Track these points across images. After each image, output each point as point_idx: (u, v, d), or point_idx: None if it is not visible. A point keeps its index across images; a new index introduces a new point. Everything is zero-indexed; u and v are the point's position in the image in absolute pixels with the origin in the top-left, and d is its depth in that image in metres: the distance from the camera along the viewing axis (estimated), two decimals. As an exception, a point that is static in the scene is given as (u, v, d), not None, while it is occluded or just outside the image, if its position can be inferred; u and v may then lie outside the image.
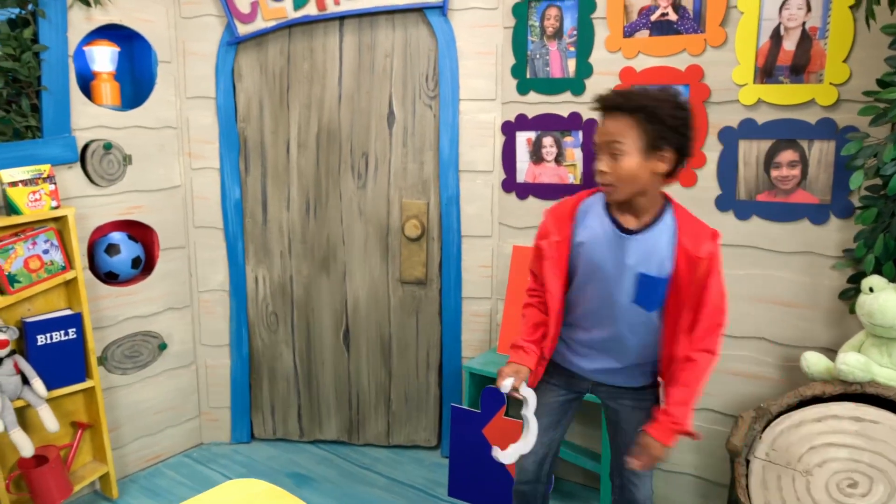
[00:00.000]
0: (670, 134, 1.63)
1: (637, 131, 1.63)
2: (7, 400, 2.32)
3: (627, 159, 1.64)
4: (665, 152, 1.64)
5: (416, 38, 2.81)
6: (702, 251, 1.66)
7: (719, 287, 1.70)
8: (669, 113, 1.63)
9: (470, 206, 2.88)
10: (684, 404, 1.69)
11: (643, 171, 1.65)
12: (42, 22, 2.42)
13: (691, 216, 1.74)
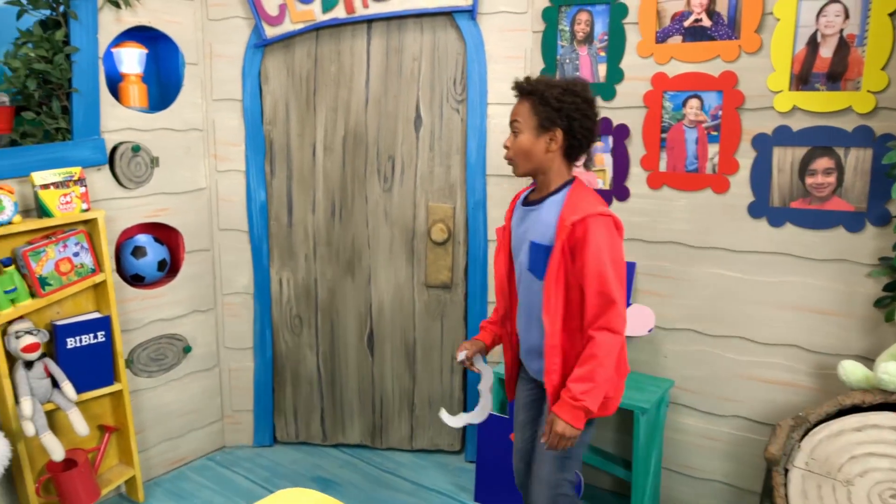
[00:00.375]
0: (556, 115, 1.81)
1: (531, 112, 1.84)
2: (38, 403, 2.31)
3: (522, 137, 1.86)
4: (555, 132, 1.83)
5: (445, 42, 2.80)
6: (570, 220, 1.76)
7: (596, 263, 1.73)
8: (556, 96, 1.80)
9: (497, 209, 2.87)
10: (582, 380, 1.74)
11: (536, 147, 1.84)
12: (73, 24, 2.41)
13: (586, 195, 1.84)
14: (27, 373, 2.30)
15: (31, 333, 2.30)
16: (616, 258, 1.77)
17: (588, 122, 1.85)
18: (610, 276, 1.73)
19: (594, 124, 1.88)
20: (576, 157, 1.90)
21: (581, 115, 1.83)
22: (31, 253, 2.28)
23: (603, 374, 1.75)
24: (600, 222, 1.76)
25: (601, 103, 2.63)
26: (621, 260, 1.79)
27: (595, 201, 1.83)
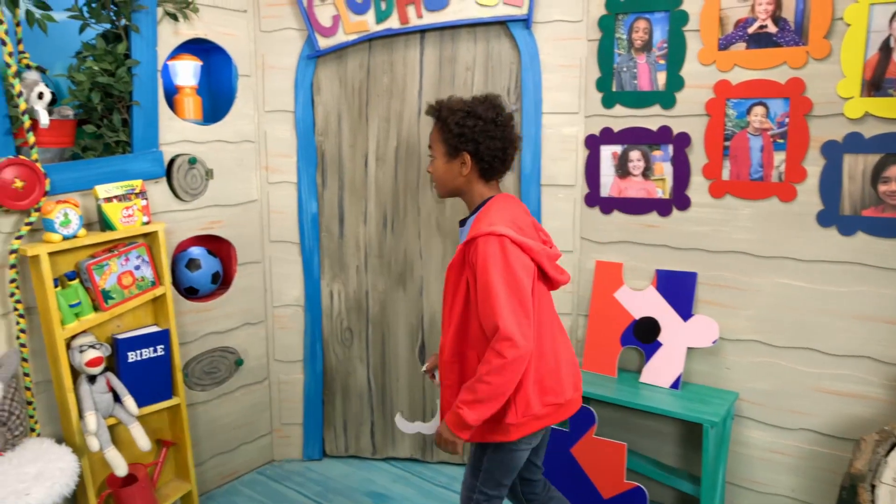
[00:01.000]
0: (459, 141, 1.83)
1: (439, 138, 1.89)
2: (101, 418, 2.29)
3: (437, 162, 1.92)
4: (463, 156, 1.85)
5: (498, 52, 2.79)
6: (464, 240, 1.78)
7: (484, 285, 1.69)
8: (456, 122, 1.83)
9: (551, 220, 2.84)
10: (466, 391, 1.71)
11: (450, 172, 1.89)
12: (134, 37, 2.41)
13: (487, 215, 1.80)
14: (91, 387, 2.29)
15: (95, 347, 2.28)
16: (510, 280, 1.68)
17: (494, 143, 1.84)
18: (497, 299, 1.66)
19: (504, 143, 1.86)
20: (493, 176, 1.90)
21: (486, 137, 1.82)
22: (94, 266, 2.26)
23: (485, 391, 1.67)
24: (490, 242, 1.70)
25: (659, 111, 2.60)
26: (518, 281, 1.69)
27: (493, 220, 1.75)
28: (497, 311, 1.65)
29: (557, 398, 1.85)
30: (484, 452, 1.89)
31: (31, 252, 2.11)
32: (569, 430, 2.59)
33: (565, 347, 1.94)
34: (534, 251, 1.78)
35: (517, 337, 1.64)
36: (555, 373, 1.85)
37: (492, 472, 1.90)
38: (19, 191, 2.10)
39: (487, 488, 1.92)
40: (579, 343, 2.89)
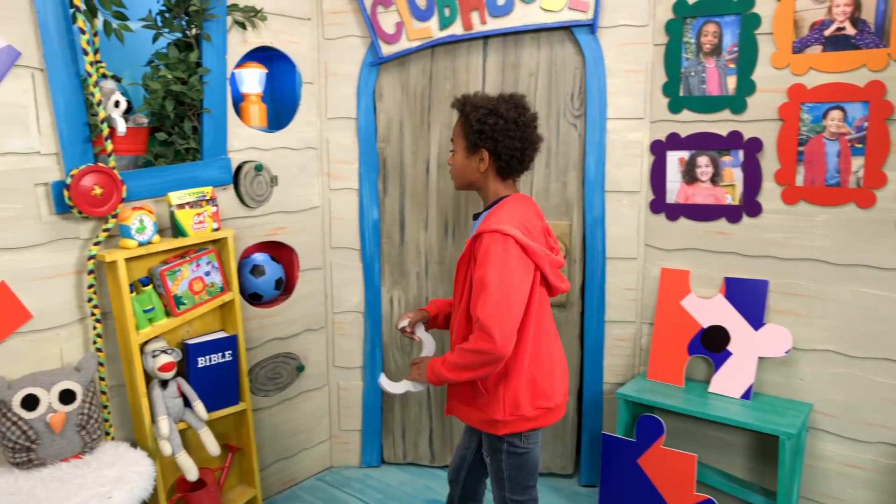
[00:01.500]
0: (479, 138, 1.86)
1: (461, 133, 1.92)
2: (173, 423, 2.31)
3: (457, 156, 1.96)
4: (482, 153, 1.89)
5: (562, 57, 2.76)
6: (473, 235, 1.83)
7: (479, 280, 1.75)
8: (478, 118, 1.85)
9: (615, 227, 2.81)
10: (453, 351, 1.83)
11: (469, 167, 1.93)
12: (205, 45, 2.44)
13: (499, 212, 1.85)
14: (163, 392, 2.31)
15: (167, 353, 2.30)
16: (506, 280, 1.73)
17: (513, 143, 1.86)
18: (487, 294, 1.71)
19: (523, 144, 1.88)
20: (510, 175, 1.94)
21: (505, 136, 1.85)
22: (167, 272, 2.29)
23: (453, 359, 1.80)
24: (495, 240, 1.75)
25: (729, 116, 2.56)
26: (512, 283, 1.74)
27: (503, 219, 1.80)
28: (484, 306, 1.70)
29: (548, 402, 1.92)
30: (500, 461, 1.95)
31: (109, 258, 2.14)
32: (635, 441, 2.55)
33: (559, 353, 2.00)
34: (537, 255, 1.81)
35: (496, 334, 1.69)
36: (548, 376, 1.91)
37: (514, 477, 1.97)
38: (98, 198, 2.13)
39: (516, 495, 1.98)
40: (643, 352, 2.84)
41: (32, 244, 2.07)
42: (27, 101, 2.02)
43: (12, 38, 1.97)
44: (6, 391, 1.96)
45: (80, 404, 2.06)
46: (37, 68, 2.03)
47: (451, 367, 1.81)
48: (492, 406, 1.86)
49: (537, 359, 1.88)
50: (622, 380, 2.90)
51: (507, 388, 1.85)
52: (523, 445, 1.93)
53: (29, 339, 2.10)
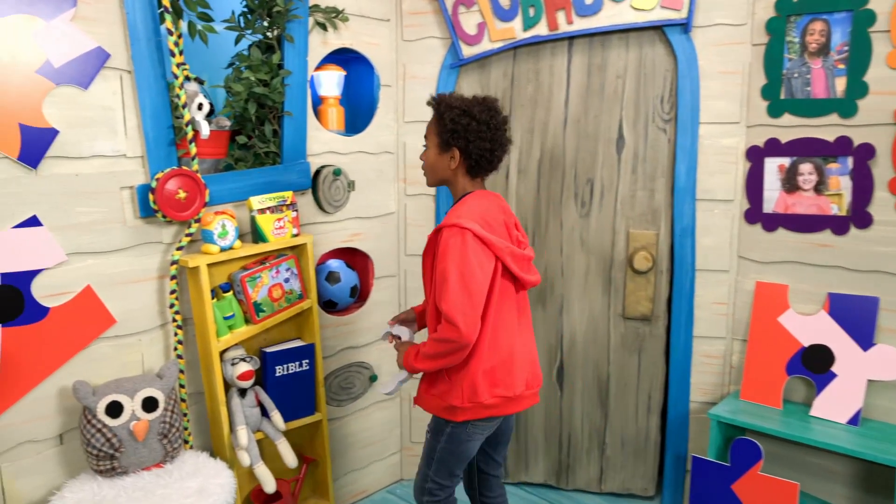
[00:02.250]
0: (451, 137, 1.91)
1: (436, 131, 1.95)
2: (251, 433, 2.25)
3: (429, 152, 2.01)
4: (453, 151, 1.93)
5: (652, 58, 2.63)
6: (434, 229, 1.90)
7: (441, 274, 1.81)
8: (451, 118, 1.90)
9: (706, 237, 2.65)
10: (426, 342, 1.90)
11: (440, 164, 1.97)
12: (287, 47, 2.39)
13: (460, 207, 1.90)
14: (241, 401, 2.26)
15: (245, 361, 2.25)
16: (465, 271, 1.78)
17: (483, 144, 1.91)
18: (448, 286, 1.78)
19: (493, 146, 1.93)
20: (478, 174, 1.99)
21: (476, 137, 1.89)
22: (248, 278, 2.24)
23: (425, 350, 1.88)
24: (454, 233, 1.81)
25: (837, 120, 2.38)
26: (472, 274, 1.79)
27: (463, 213, 1.86)
28: (446, 298, 1.78)
29: (507, 391, 1.94)
30: (438, 441, 2.01)
31: (192, 263, 2.09)
32: (730, 465, 2.39)
33: (524, 344, 2.02)
34: (496, 248, 1.86)
35: (459, 323, 1.76)
36: (507, 365, 1.94)
37: (444, 460, 2.02)
38: (182, 202, 2.09)
39: (440, 478, 2.04)
40: (734, 370, 2.68)
41: (117, 248, 2.04)
42: (115, 104, 1.99)
43: (102, 39, 1.95)
44: (91, 397, 1.92)
45: (163, 412, 2.02)
46: (125, 70, 2.00)
47: (423, 357, 1.89)
48: (452, 393, 1.91)
49: (496, 348, 1.92)
50: (710, 398, 2.74)
51: (465, 376, 1.89)
52: (465, 435, 1.97)
53: (112, 345, 2.07)
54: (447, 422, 1.98)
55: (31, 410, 1.92)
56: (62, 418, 1.99)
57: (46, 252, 1.90)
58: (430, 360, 1.88)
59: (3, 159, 1.80)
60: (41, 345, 1.92)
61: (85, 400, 1.92)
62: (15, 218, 1.83)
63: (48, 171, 1.88)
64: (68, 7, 1.87)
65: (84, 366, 2.01)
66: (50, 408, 1.96)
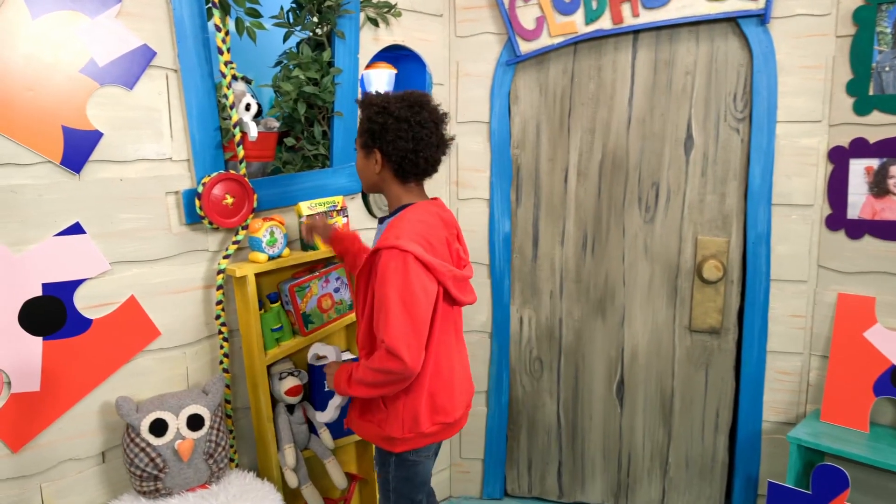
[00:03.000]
0: (369, 136, 1.74)
1: (359, 130, 1.79)
2: (299, 452, 2.13)
3: (357, 156, 1.83)
4: (375, 154, 1.76)
5: (724, 52, 2.45)
6: (372, 248, 1.69)
7: (380, 299, 1.64)
8: (368, 116, 1.73)
9: (782, 245, 2.46)
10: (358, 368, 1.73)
11: (367, 167, 1.79)
12: (338, 44, 2.26)
13: (399, 225, 1.71)
14: (289, 417, 2.14)
15: (294, 375, 2.14)
16: (407, 299, 1.62)
17: (404, 144, 1.71)
18: (390, 315, 1.61)
19: (416, 145, 1.72)
20: (407, 178, 1.78)
21: (394, 136, 1.71)
22: (297, 288, 2.12)
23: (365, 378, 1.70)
24: (394, 256, 1.63)
25: (932, 120, 2.18)
26: (415, 301, 1.63)
27: (402, 232, 1.67)
28: (388, 328, 1.62)
29: (447, 417, 1.82)
30: (387, 472, 1.89)
31: (240, 272, 1.98)
32: (812, 493, 2.20)
33: (461, 367, 1.91)
34: (438, 272, 1.70)
35: (404, 355, 1.61)
36: (448, 391, 1.82)
37: (400, 490, 1.89)
38: (229, 207, 1.98)
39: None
40: (812, 388, 2.48)
41: (162, 256, 1.94)
42: (160, 104, 1.89)
43: (147, 36, 1.84)
44: (135, 414, 1.82)
45: (208, 430, 1.91)
46: (171, 69, 1.90)
47: (358, 383, 1.73)
48: (390, 422, 1.78)
49: (437, 374, 1.80)
50: (784, 418, 2.55)
51: (406, 405, 1.77)
52: (413, 458, 1.85)
53: (156, 358, 1.97)
54: (388, 452, 1.86)
55: (72, 427, 1.83)
56: (104, 435, 1.89)
57: (89, 261, 1.81)
58: (366, 387, 1.71)
59: (46, 164, 1.70)
60: (84, 358, 1.82)
61: (128, 417, 1.82)
62: (57, 225, 1.74)
63: (91, 175, 1.78)
64: (113, 3, 1.76)
65: (127, 380, 1.91)
66: (92, 424, 1.86)
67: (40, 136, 1.68)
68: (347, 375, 1.76)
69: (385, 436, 1.81)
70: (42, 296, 1.73)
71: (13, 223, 1.66)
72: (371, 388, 1.71)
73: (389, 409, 1.78)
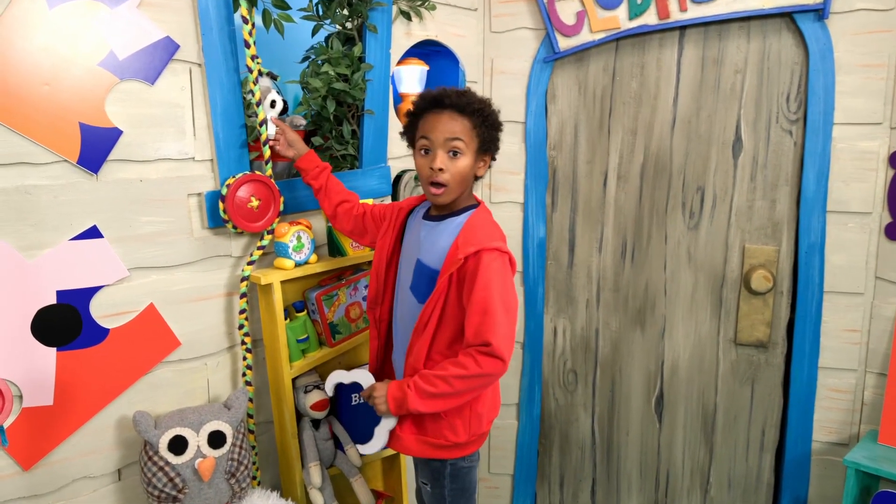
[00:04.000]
0: (490, 143, 1.70)
1: (473, 133, 1.66)
2: (325, 470, 2.02)
3: (464, 159, 1.65)
4: (487, 156, 1.72)
5: (777, 49, 2.30)
6: (463, 252, 1.59)
7: (483, 301, 1.56)
8: (496, 120, 1.70)
9: (837, 254, 2.32)
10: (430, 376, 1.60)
11: (469, 175, 1.68)
12: (369, 38, 2.14)
13: (485, 225, 1.67)
14: (315, 434, 2.02)
15: (319, 388, 2.02)
16: (506, 299, 1.59)
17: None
18: (495, 317, 1.56)
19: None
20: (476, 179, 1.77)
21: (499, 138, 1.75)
22: (324, 297, 2.00)
23: (444, 390, 1.58)
24: (496, 258, 1.60)
25: None
26: (515, 304, 1.64)
27: (494, 233, 1.66)
28: (496, 330, 1.56)
29: (497, 412, 1.83)
30: (442, 487, 1.79)
31: (265, 280, 1.86)
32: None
33: None
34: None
35: (507, 358, 1.57)
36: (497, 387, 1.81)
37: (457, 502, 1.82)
38: (254, 211, 1.86)
39: None
40: (867, 408, 2.34)
41: (182, 262, 1.83)
42: (184, 101, 1.77)
43: (170, 28, 1.73)
44: (153, 431, 1.71)
45: (230, 448, 1.79)
46: (195, 63, 1.78)
47: (438, 398, 1.59)
48: (454, 428, 1.69)
49: None
50: (836, 439, 2.40)
51: (472, 407, 1.70)
52: (466, 465, 1.78)
53: (175, 370, 1.85)
54: (444, 462, 1.76)
55: (87, 443, 1.72)
56: (121, 452, 1.78)
57: (107, 267, 1.69)
58: (452, 398, 1.60)
59: (62, 163, 1.59)
60: (100, 370, 1.71)
61: (146, 434, 1.70)
62: (73, 229, 1.62)
63: (110, 176, 1.67)
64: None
65: (145, 393, 1.80)
66: (108, 440, 1.75)
67: (56, 133, 1.57)
68: (416, 392, 1.60)
69: (444, 444, 1.71)
70: (56, 304, 1.62)
71: (26, 226, 1.55)
72: (458, 398, 1.62)
73: (450, 416, 1.69)
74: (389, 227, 1.84)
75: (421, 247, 1.73)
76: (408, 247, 1.80)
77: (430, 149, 1.66)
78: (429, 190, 1.68)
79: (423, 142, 1.68)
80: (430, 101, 1.68)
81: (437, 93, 1.68)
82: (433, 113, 1.66)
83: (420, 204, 1.86)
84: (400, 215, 1.85)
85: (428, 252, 1.70)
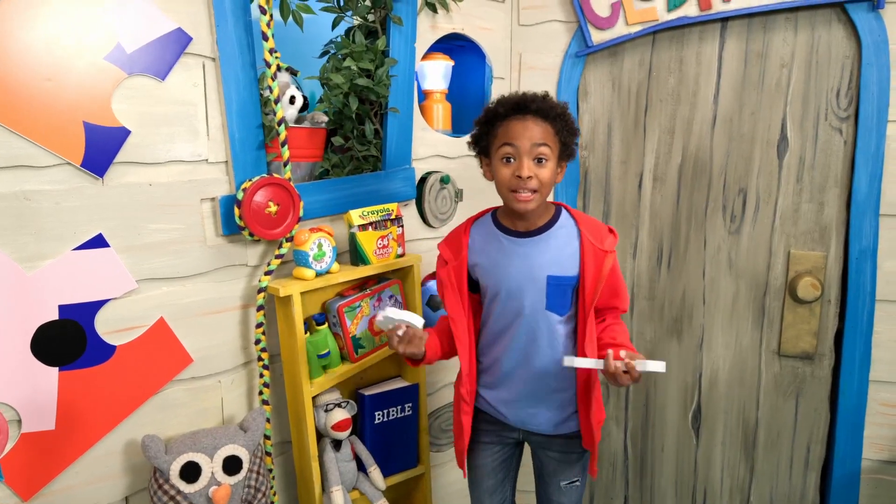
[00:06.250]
0: (571, 147, 1.65)
1: (556, 139, 1.61)
2: (347, 495, 1.88)
3: (549, 165, 1.60)
4: (564, 163, 1.67)
5: (827, 42, 2.16)
6: (606, 244, 1.65)
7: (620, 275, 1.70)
8: (574, 126, 1.64)
9: (891, 260, 2.17)
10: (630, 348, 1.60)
11: (554, 179, 1.64)
12: (393, 31, 2.00)
13: (586, 215, 1.71)
14: (336, 455, 1.88)
15: (341, 406, 1.88)
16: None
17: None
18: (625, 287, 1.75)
19: None
20: None
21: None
22: (346, 308, 1.86)
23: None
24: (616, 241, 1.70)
25: None
26: None
27: (595, 219, 1.72)
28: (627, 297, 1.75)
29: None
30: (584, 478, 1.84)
31: (284, 291, 1.72)
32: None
33: None
34: None
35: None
36: None
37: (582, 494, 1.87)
38: (272, 217, 1.72)
39: None
40: (921, 424, 2.19)
41: (195, 273, 1.69)
42: (196, 98, 1.63)
43: (182, 19, 1.59)
44: (163, 456, 1.57)
45: (247, 474, 1.65)
46: (208, 57, 1.64)
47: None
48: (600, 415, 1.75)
49: None
50: (888, 456, 2.26)
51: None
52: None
53: (187, 388, 1.72)
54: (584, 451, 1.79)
55: (92, 470, 1.58)
56: (129, 478, 1.65)
57: (114, 279, 1.56)
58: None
59: (65, 166, 1.45)
60: (106, 391, 1.57)
61: (156, 460, 1.57)
62: (77, 238, 1.49)
63: (117, 179, 1.53)
64: (143, -22, 1.51)
65: (154, 415, 1.66)
66: (114, 467, 1.62)
67: (59, 133, 1.43)
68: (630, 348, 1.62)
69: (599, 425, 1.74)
70: (58, 319, 1.48)
71: (26, 236, 1.42)
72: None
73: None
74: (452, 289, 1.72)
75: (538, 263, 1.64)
76: (506, 274, 1.66)
77: (513, 157, 1.58)
78: (514, 198, 1.59)
79: (506, 149, 1.59)
80: (511, 106, 1.60)
81: (518, 98, 1.60)
82: (516, 119, 1.58)
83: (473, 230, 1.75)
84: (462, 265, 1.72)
85: (557, 264, 1.63)
